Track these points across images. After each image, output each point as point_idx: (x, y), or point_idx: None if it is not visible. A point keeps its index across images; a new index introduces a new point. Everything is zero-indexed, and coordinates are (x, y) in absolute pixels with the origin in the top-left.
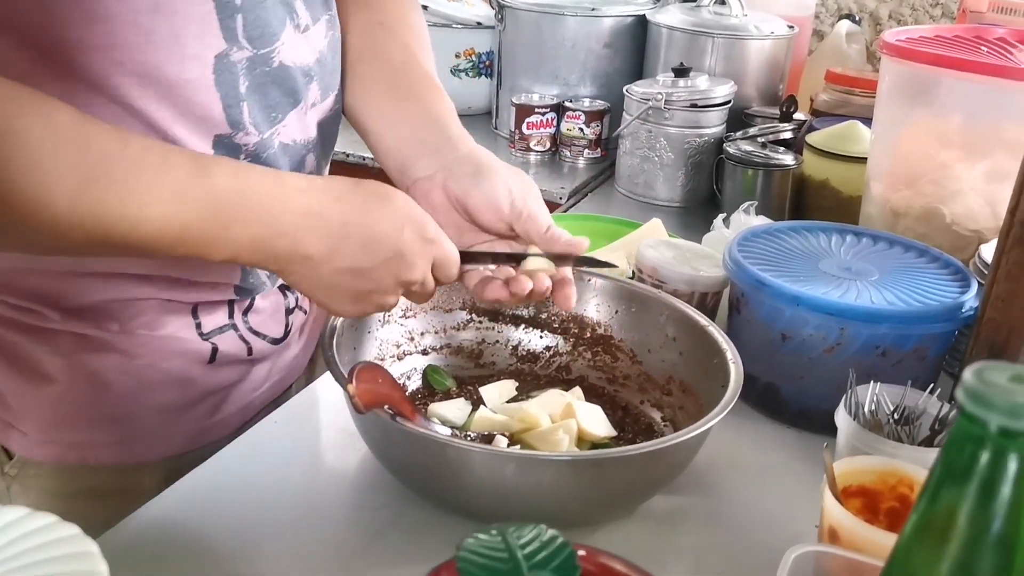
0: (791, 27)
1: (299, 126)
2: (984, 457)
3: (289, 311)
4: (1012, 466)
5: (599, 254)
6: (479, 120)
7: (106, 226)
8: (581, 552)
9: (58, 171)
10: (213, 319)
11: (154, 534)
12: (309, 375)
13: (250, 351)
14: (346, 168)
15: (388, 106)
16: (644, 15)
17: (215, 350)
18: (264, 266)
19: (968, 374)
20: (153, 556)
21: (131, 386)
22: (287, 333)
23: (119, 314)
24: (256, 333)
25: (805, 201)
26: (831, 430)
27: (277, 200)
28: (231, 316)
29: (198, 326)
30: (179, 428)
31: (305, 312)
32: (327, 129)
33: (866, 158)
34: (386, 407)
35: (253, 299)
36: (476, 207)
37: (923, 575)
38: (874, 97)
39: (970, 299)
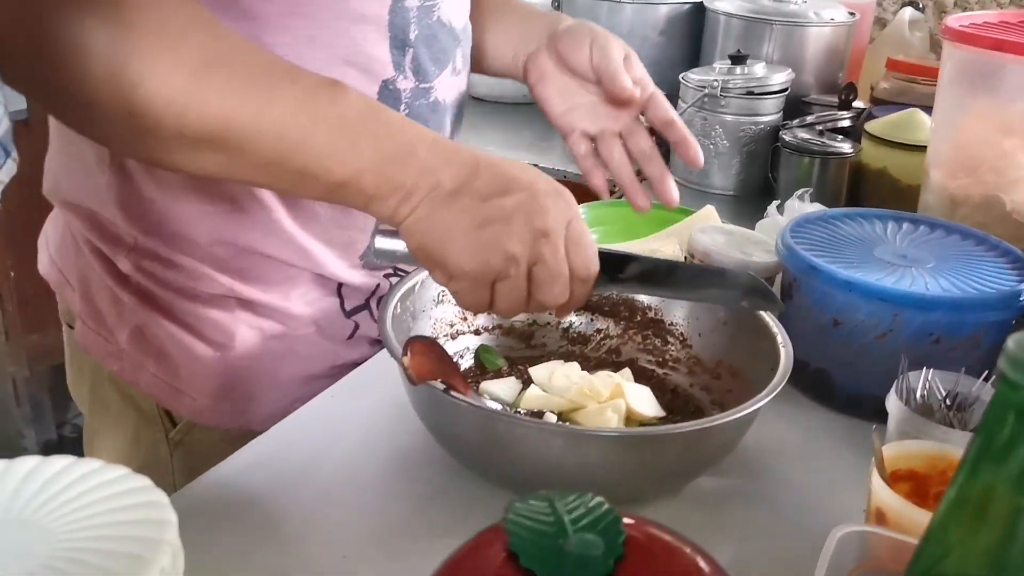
0: (852, 14)
1: (447, 87)
2: None
3: None
4: None
5: (651, 241)
6: (534, 108)
7: (226, 111)
8: (629, 520)
9: (184, 48)
10: (352, 299)
11: (219, 494)
12: None
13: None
14: None
15: (493, 18)
16: (701, 2)
17: (356, 328)
18: (386, 192)
19: (1010, 342)
20: (217, 515)
21: (288, 356)
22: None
23: (281, 284)
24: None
25: (862, 190)
26: (882, 417)
27: (409, 126)
28: (368, 298)
29: (342, 304)
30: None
31: None
32: (460, 105)
33: (925, 147)
34: (439, 380)
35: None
36: (565, 49)
37: (960, 549)
38: (935, 85)
39: None
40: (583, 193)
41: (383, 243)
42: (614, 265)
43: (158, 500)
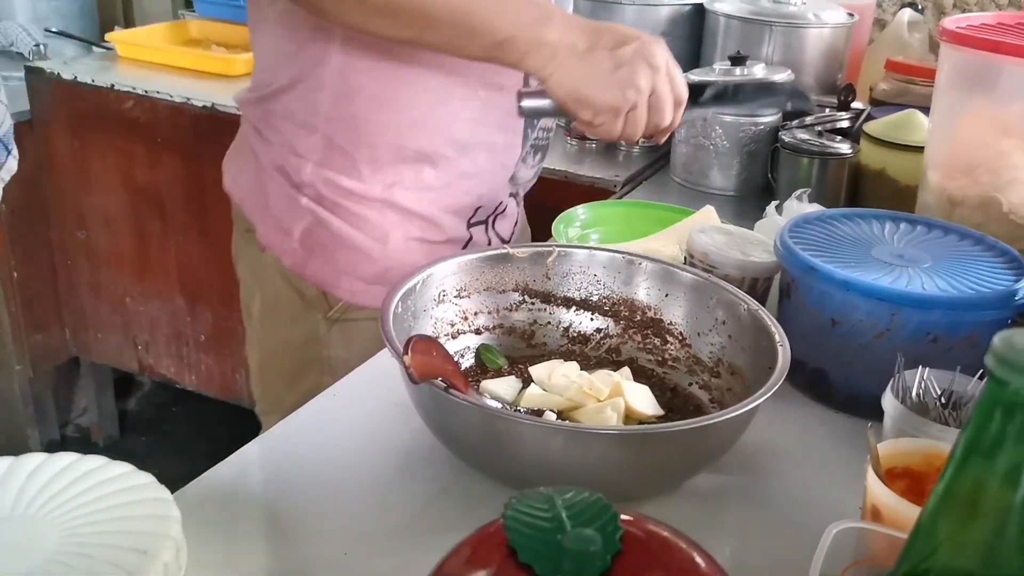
0: (851, 15)
1: None
2: (1012, 421)
3: (515, 223)
4: None
5: (651, 240)
6: None
7: None
8: (628, 517)
9: None
10: (477, 216)
11: (224, 491)
12: None
13: (489, 243)
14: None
15: None
16: (702, 3)
17: (470, 239)
18: (535, 50)
19: (997, 340)
20: (222, 511)
21: (425, 251)
22: (510, 239)
23: (431, 191)
24: (498, 234)
25: (861, 190)
26: (879, 416)
27: (546, 2)
28: (488, 216)
29: (470, 218)
30: None
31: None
32: None
33: (924, 147)
34: (439, 379)
35: (498, 206)
36: None
37: (950, 543)
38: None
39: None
40: (584, 193)
41: (529, 103)
42: (694, 92)
43: (162, 496)
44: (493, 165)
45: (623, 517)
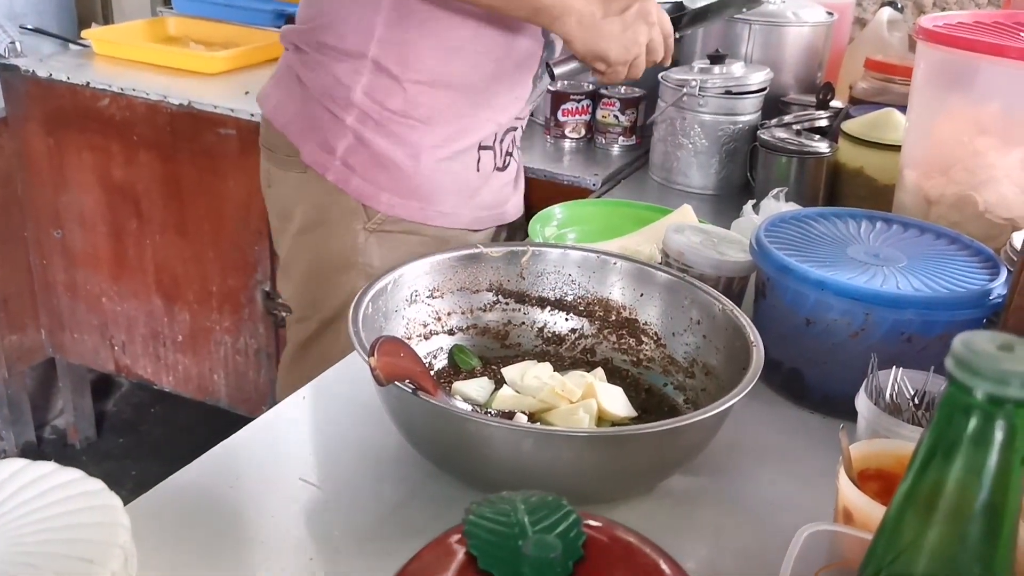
0: (830, 14)
1: None
2: (972, 425)
3: (509, 152)
4: (999, 433)
5: (629, 240)
6: None
7: None
8: (597, 523)
9: None
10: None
11: (183, 500)
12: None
13: (494, 167)
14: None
15: None
16: (681, 1)
17: (480, 160)
18: (565, 16)
19: (957, 342)
20: (180, 520)
21: (458, 170)
22: (506, 166)
23: (461, 119)
24: (507, 153)
25: (839, 189)
26: (854, 416)
27: None
28: (494, 140)
29: (480, 143)
30: (473, 213)
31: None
32: None
33: (901, 146)
34: (407, 381)
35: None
36: None
37: (913, 544)
38: None
39: (998, 286)
40: (563, 193)
41: (560, 69)
42: (675, 23)
43: (111, 503)
44: (508, 100)
45: (589, 523)
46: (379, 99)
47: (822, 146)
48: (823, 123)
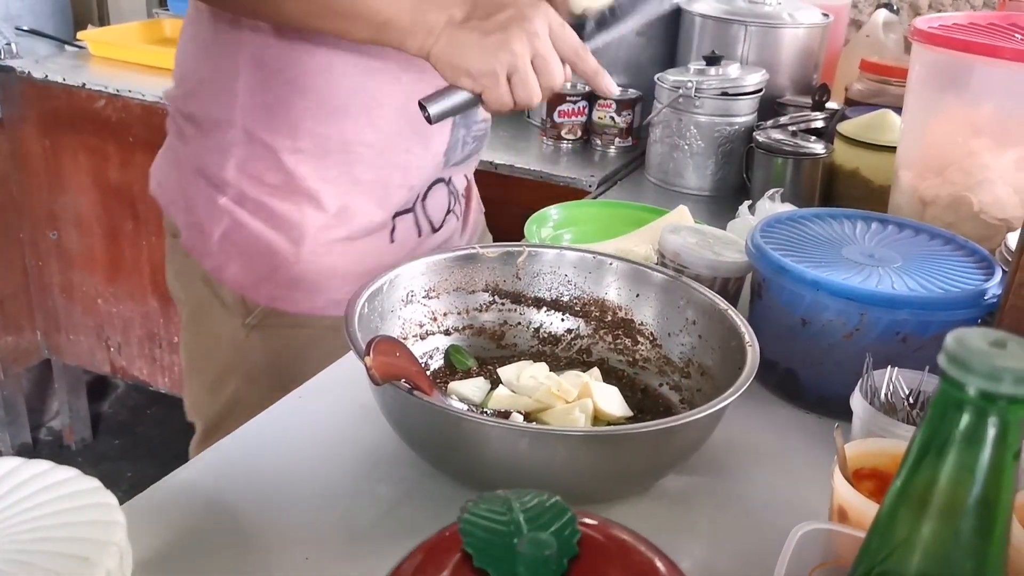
0: (826, 16)
1: None
2: (965, 421)
3: (449, 211)
4: (991, 430)
5: (625, 241)
6: None
7: None
8: (592, 522)
9: None
10: (406, 202)
11: (179, 499)
12: None
13: (419, 233)
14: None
15: None
16: (677, 3)
17: (392, 230)
18: (416, 29)
19: (950, 339)
20: (177, 520)
21: (347, 251)
22: (441, 225)
23: (349, 187)
24: (427, 218)
25: (835, 190)
26: (849, 416)
27: None
28: (416, 201)
29: (396, 210)
30: None
31: (458, 217)
32: None
33: (896, 147)
34: (403, 381)
35: (432, 188)
36: None
37: (906, 540)
38: None
39: (993, 286)
40: (559, 194)
41: (436, 108)
42: (578, 30)
43: (106, 501)
44: (421, 155)
45: (584, 521)
46: (256, 174)
47: (818, 147)
48: (819, 124)
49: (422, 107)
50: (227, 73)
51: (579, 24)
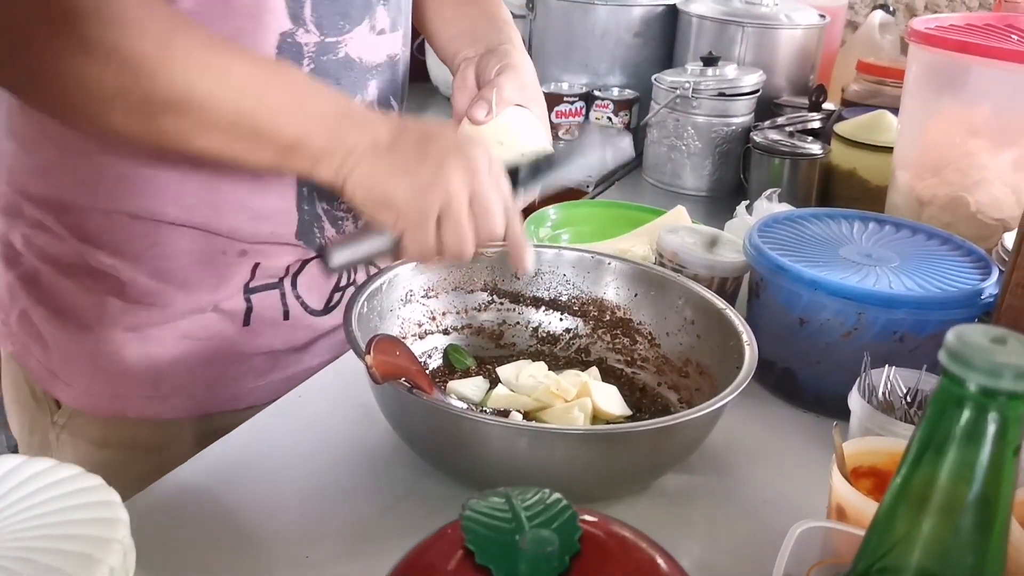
0: (823, 16)
1: (364, 46)
2: (965, 417)
3: (337, 288)
4: (992, 426)
5: (622, 241)
6: None
7: (191, 75)
8: (593, 519)
9: (148, 19)
10: (264, 274)
11: (181, 498)
12: None
13: (287, 315)
14: None
15: (451, 10)
16: (674, 4)
17: (249, 311)
18: (332, 150)
19: (951, 335)
20: (178, 518)
21: (167, 339)
22: (329, 307)
23: (161, 262)
24: (298, 298)
25: (832, 190)
26: (847, 415)
27: (344, 97)
28: (282, 277)
29: (246, 285)
30: (216, 389)
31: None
32: (395, 70)
33: (893, 148)
34: (403, 379)
35: (305, 264)
36: (480, 70)
37: (906, 537)
38: None
39: (990, 286)
40: (558, 194)
41: (340, 255)
42: (511, 179)
43: (109, 499)
44: (255, 230)
45: (585, 518)
46: (44, 249)
47: (815, 148)
48: (816, 125)
49: (321, 254)
50: None
51: (512, 170)
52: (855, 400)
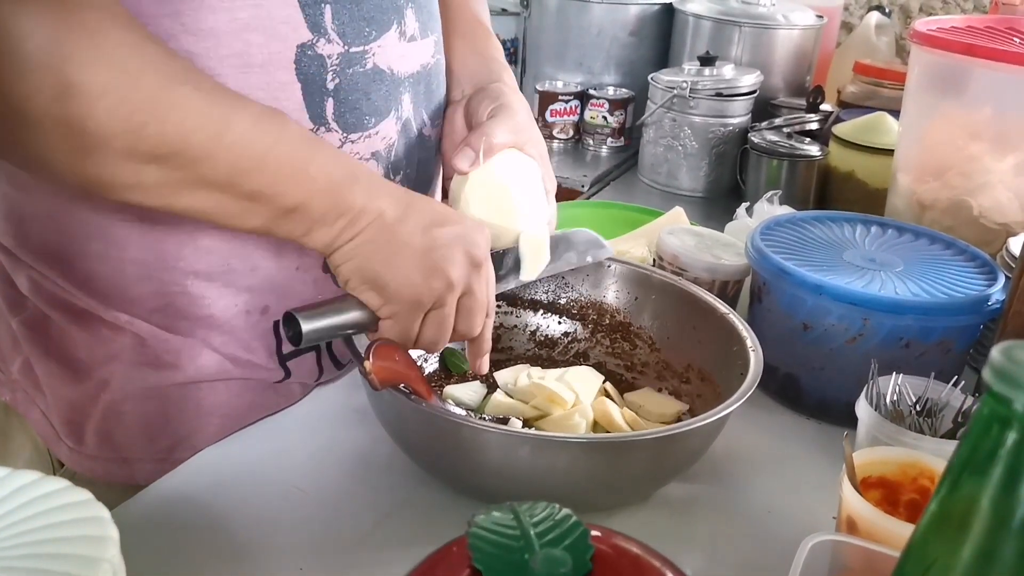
0: (820, 17)
1: (394, 55)
2: (1011, 438)
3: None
4: None
5: (620, 242)
6: None
7: (188, 129)
8: (596, 533)
9: (144, 65)
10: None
11: (170, 507)
12: None
13: (320, 374)
14: None
15: (460, 41)
16: (671, 3)
17: (286, 378)
18: (334, 216)
19: (996, 352)
20: (168, 528)
21: (189, 403)
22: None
23: (189, 324)
24: (332, 355)
25: (830, 193)
26: (851, 422)
27: (347, 157)
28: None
29: (278, 348)
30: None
31: None
32: (429, 81)
33: (893, 150)
34: (402, 386)
35: None
36: (471, 109)
37: (942, 564)
38: (902, 89)
39: (996, 292)
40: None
41: (310, 324)
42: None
43: (99, 515)
44: (278, 280)
45: (594, 534)
46: (50, 293)
47: (812, 149)
48: (813, 126)
49: (289, 322)
50: None
51: (497, 258)
52: (863, 408)
